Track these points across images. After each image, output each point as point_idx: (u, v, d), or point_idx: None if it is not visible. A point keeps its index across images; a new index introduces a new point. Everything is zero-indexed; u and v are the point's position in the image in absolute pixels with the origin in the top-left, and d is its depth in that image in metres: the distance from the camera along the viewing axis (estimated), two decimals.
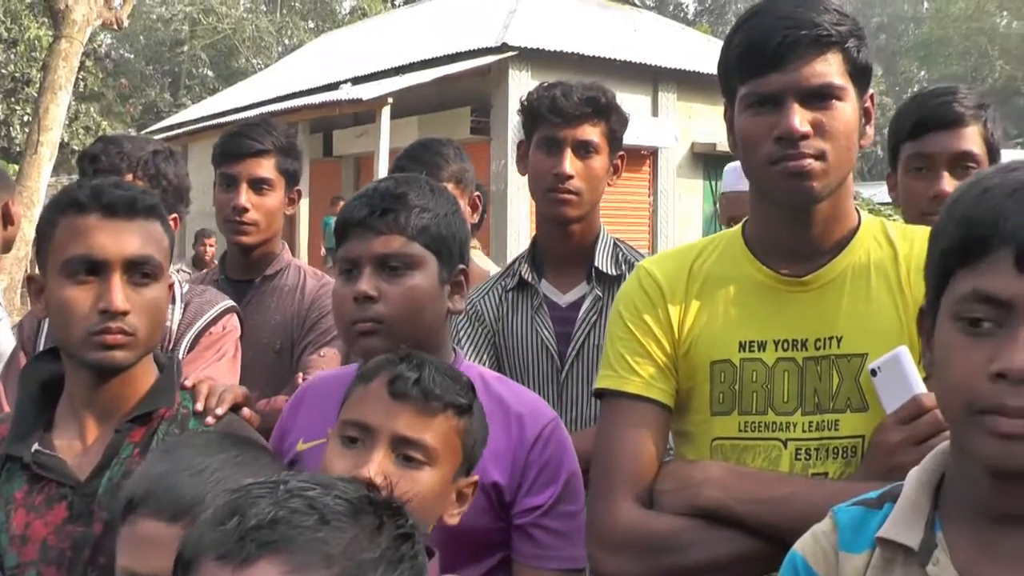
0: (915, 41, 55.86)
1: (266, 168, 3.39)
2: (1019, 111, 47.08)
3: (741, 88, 1.91)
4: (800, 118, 1.84)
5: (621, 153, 3.13)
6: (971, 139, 2.75)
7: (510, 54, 18.09)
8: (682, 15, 53.28)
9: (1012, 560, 1.37)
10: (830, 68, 1.86)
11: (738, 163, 2.10)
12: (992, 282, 1.31)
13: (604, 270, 3.05)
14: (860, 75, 1.92)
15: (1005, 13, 46.25)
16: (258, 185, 3.38)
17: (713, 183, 19.91)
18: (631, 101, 18.45)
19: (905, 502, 1.46)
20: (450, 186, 3.31)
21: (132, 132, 19.75)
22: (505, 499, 2.12)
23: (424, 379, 1.82)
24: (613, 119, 3.06)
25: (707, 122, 19.22)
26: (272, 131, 3.44)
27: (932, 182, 2.73)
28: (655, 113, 19.99)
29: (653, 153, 20.06)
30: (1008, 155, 2.56)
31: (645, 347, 2.01)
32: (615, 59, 18.64)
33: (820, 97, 1.86)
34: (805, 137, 1.84)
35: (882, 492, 1.52)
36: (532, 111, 3.05)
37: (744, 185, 2.08)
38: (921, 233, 1.96)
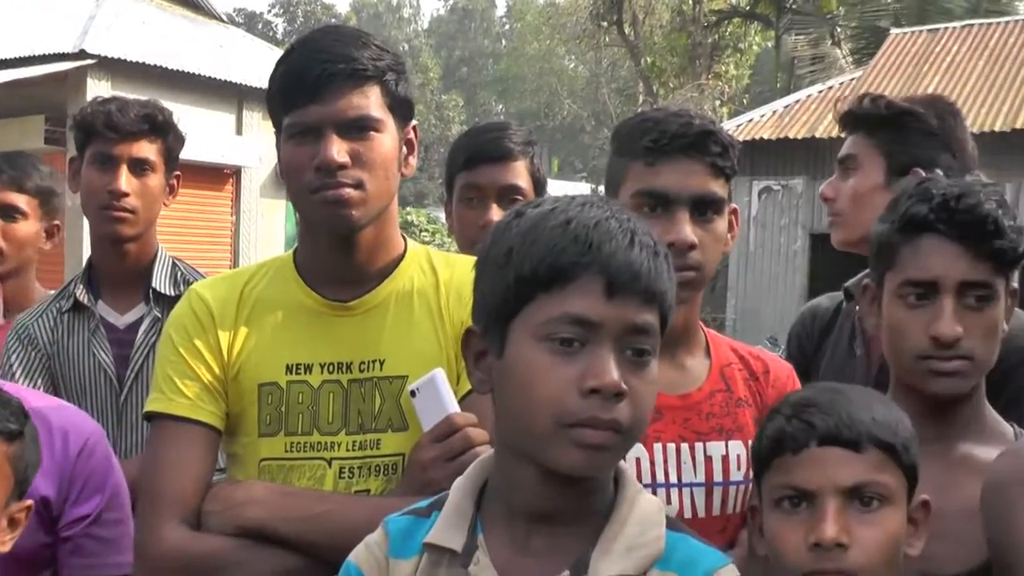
0: (494, 76, 58.41)
1: None
2: (584, 147, 50.33)
3: (285, 118, 1.94)
4: (338, 148, 1.87)
5: (177, 173, 3.09)
6: (519, 173, 2.89)
7: (89, 62, 17.25)
8: (271, 34, 53.02)
9: (543, 555, 1.47)
10: (368, 101, 1.91)
11: None
12: (584, 306, 1.39)
13: (162, 291, 2.98)
14: (400, 108, 1.98)
15: (573, 57, 49.26)
16: None
17: None
18: (215, 118, 18.11)
19: (450, 509, 1.54)
20: (34, 203, 3.24)
21: None
22: (54, 513, 2.09)
23: None
24: (170, 137, 3.01)
25: None
26: None
27: (482, 212, 2.84)
28: (239, 132, 19.70)
29: (236, 172, 19.75)
30: (574, 188, 2.69)
31: (194, 370, 1.99)
32: (200, 74, 18.23)
33: (358, 129, 1.90)
34: (343, 167, 1.88)
35: (432, 501, 1.59)
36: (86, 126, 2.94)
37: None
38: (463, 261, 2.06)
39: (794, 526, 1.64)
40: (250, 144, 19.55)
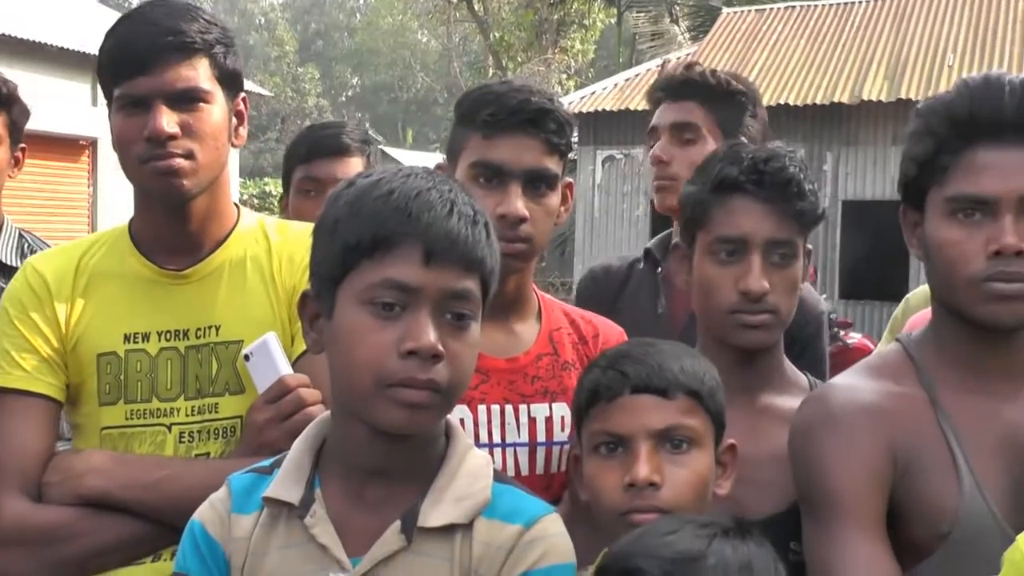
0: (349, 49, 57.69)
1: None
2: (437, 119, 50.17)
3: (115, 90, 1.90)
4: (167, 120, 1.84)
5: (23, 145, 2.99)
6: (355, 168, 2.90)
7: None
8: (127, 4, 51.31)
9: (377, 506, 1.49)
10: (196, 73, 1.88)
11: None
12: (403, 272, 1.41)
13: (7, 262, 2.88)
14: (229, 80, 1.96)
15: (425, 31, 48.97)
16: None
17: None
18: (70, 89, 17.43)
19: (289, 464, 1.55)
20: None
21: None
22: None
23: None
24: (15, 110, 2.91)
25: None
26: None
27: (318, 204, 2.80)
28: (95, 102, 19.06)
29: (93, 143, 19.11)
30: (428, 159, 2.67)
31: (31, 343, 1.94)
32: (53, 45, 17.54)
33: (187, 100, 1.87)
34: (173, 138, 1.85)
35: (274, 460, 1.59)
36: None
37: None
38: (295, 228, 2.07)
39: (611, 469, 1.68)
40: (106, 115, 18.90)
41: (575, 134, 2.19)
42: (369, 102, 57.40)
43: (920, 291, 3.55)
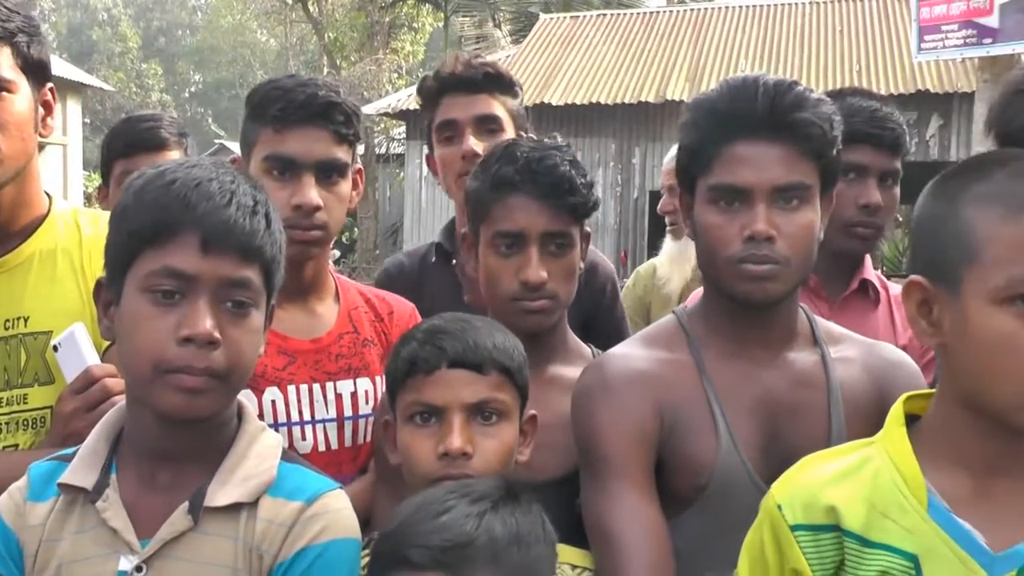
0: (191, 47, 56.05)
1: None
2: None
3: None
4: None
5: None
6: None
7: None
8: None
9: (168, 489, 1.46)
10: None
11: None
12: (181, 260, 1.38)
13: None
14: (34, 69, 1.86)
15: (264, 31, 48.00)
16: None
17: None
18: None
19: (85, 451, 1.50)
20: None
21: None
22: None
23: None
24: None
25: None
26: None
27: None
28: None
29: None
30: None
31: None
32: None
33: None
34: None
35: (76, 448, 1.54)
36: None
37: None
38: (106, 218, 1.96)
39: (425, 438, 1.68)
40: None
41: (360, 125, 2.17)
42: (211, 98, 55.85)
43: (645, 266, 3.88)
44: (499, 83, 2.58)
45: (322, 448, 2.07)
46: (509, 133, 2.53)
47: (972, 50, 10.04)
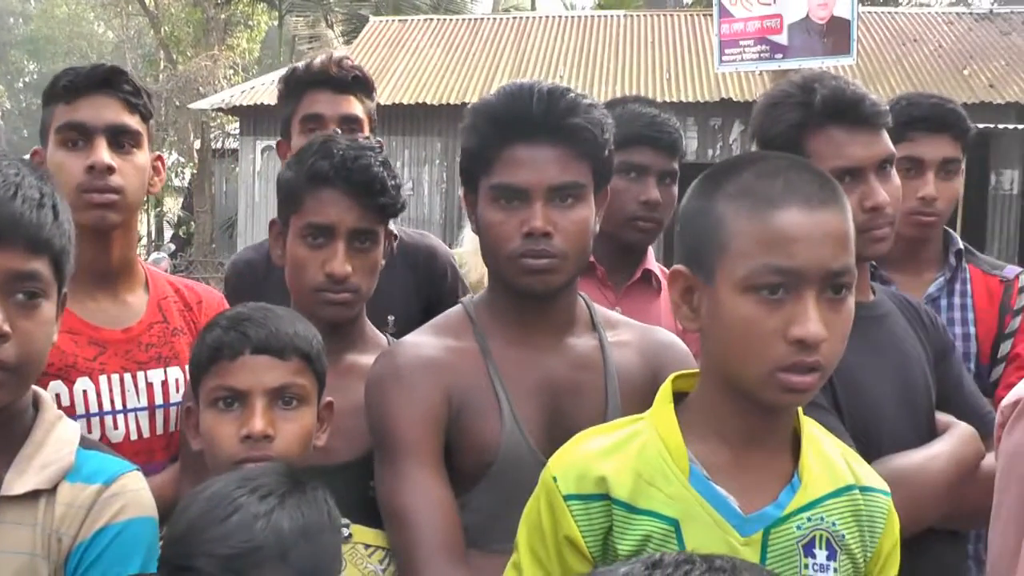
0: (25, 36, 53.24)
1: None
2: None
3: None
4: None
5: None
6: None
7: None
8: None
9: None
10: None
11: None
12: None
13: None
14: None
15: (101, 23, 46.06)
16: None
17: None
18: None
19: None
20: None
21: None
22: None
23: None
24: None
25: None
26: None
27: None
28: None
29: None
30: None
31: None
32: None
33: None
34: None
35: None
36: None
37: None
38: None
39: (228, 422, 1.67)
40: None
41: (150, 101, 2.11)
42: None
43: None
44: (364, 86, 2.61)
45: (134, 437, 2.04)
46: (364, 133, 2.56)
47: (765, 64, 10.48)
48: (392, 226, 2.55)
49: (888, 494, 1.48)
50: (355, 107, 2.56)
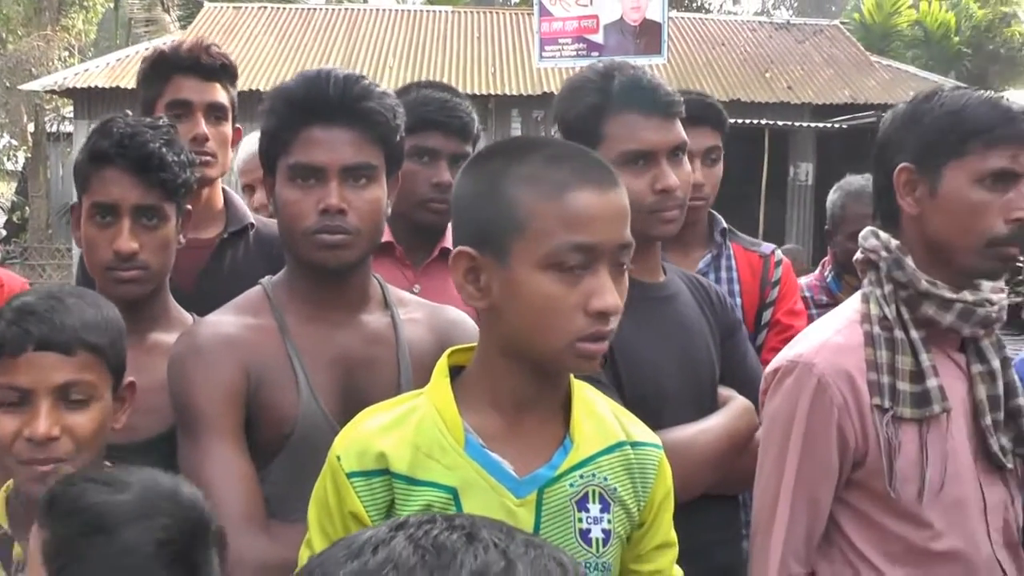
0: None
1: None
2: None
3: None
4: None
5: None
6: None
7: None
8: None
9: None
10: None
11: None
12: None
13: None
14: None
15: None
16: None
17: None
18: None
19: None
20: None
21: None
22: None
23: None
24: None
25: None
26: None
27: None
28: None
29: None
30: None
31: None
32: None
33: None
34: None
35: None
36: None
37: None
38: None
39: (12, 421, 1.56)
40: None
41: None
42: None
43: None
44: (230, 74, 2.51)
45: None
46: (229, 121, 2.48)
47: (582, 60, 10.65)
48: (252, 217, 2.53)
49: (660, 447, 1.52)
50: (220, 95, 2.46)
